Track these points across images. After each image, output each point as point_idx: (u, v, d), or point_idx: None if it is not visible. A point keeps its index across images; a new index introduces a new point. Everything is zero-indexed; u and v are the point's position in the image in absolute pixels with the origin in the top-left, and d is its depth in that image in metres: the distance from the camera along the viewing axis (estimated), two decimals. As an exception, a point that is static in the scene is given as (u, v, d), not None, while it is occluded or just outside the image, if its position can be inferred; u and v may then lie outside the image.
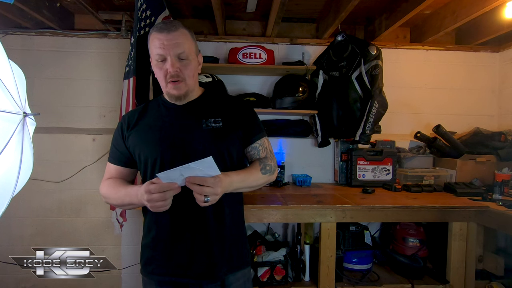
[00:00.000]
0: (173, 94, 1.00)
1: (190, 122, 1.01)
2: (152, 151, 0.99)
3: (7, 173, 0.65)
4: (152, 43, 0.97)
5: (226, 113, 1.04)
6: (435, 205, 1.66)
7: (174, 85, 0.98)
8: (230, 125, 1.02)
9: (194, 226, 0.99)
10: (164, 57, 0.95)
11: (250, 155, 1.10)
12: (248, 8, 2.13)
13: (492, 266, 1.85)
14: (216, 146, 0.99)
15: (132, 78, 1.70)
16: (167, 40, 0.94)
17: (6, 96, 0.64)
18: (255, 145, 1.08)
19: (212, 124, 1.01)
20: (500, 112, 2.49)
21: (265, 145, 1.10)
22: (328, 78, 2.24)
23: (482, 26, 2.23)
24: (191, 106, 1.05)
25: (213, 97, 1.10)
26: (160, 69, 0.97)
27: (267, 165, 1.07)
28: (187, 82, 0.99)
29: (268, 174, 1.07)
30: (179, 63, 0.96)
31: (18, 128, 0.66)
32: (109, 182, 1.06)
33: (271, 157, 1.11)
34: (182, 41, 0.96)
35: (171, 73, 0.96)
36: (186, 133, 1.00)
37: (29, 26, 2.14)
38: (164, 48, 0.94)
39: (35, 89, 2.19)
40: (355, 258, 1.90)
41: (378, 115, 2.03)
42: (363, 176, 2.16)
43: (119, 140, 1.08)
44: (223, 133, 1.01)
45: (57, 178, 2.24)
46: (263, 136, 1.10)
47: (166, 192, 0.85)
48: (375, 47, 2.05)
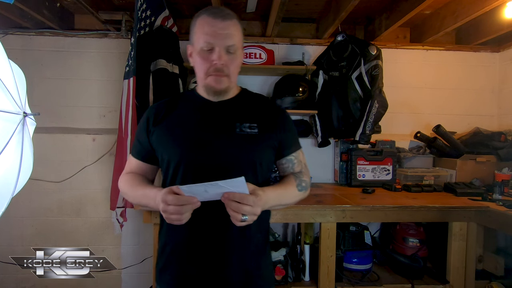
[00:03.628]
0: (212, 86, 0.89)
1: (222, 123, 0.91)
2: (177, 152, 0.90)
3: (7, 173, 0.65)
4: (200, 28, 0.86)
5: (263, 118, 0.94)
6: (435, 205, 1.65)
7: (217, 77, 0.87)
8: (266, 132, 0.92)
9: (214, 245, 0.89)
10: (212, 46, 0.84)
11: (282, 168, 1.01)
12: (248, 8, 2.13)
13: (492, 266, 1.85)
14: (249, 155, 0.90)
15: (132, 78, 1.70)
16: (220, 29, 0.84)
17: (6, 96, 0.64)
18: (290, 158, 0.99)
19: (247, 129, 0.91)
20: (500, 112, 2.49)
21: (300, 158, 1.02)
22: (328, 78, 2.24)
23: (482, 26, 2.23)
24: (226, 105, 0.95)
25: (250, 98, 1.00)
26: (203, 59, 0.86)
27: (303, 181, 0.97)
28: (230, 78, 0.90)
29: (304, 191, 0.98)
30: (227, 56, 0.86)
31: (18, 128, 0.66)
32: (128, 178, 0.98)
33: (306, 172, 1.02)
34: (234, 33, 0.86)
35: (216, 66, 0.86)
36: (217, 136, 0.89)
37: (29, 26, 2.14)
38: (215, 36, 0.84)
39: (35, 89, 2.19)
40: (355, 258, 1.90)
41: (378, 115, 2.03)
42: (363, 176, 2.16)
43: (143, 134, 0.97)
44: (257, 141, 0.91)
45: (57, 178, 2.24)
46: (298, 149, 1.02)
47: (184, 206, 0.75)
48: (375, 47, 2.05)
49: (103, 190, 2.23)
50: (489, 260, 1.87)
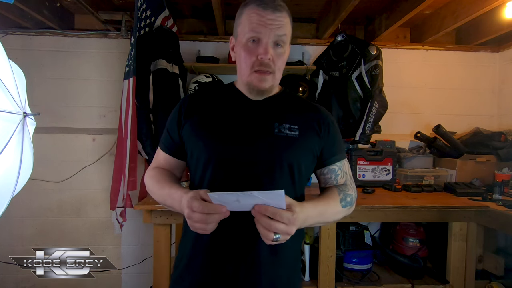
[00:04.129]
0: (256, 86, 0.81)
1: (261, 123, 0.83)
2: (208, 148, 0.82)
3: (7, 173, 0.65)
4: (247, 18, 0.79)
5: (305, 121, 0.85)
6: (435, 205, 1.65)
7: (261, 75, 0.80)
8: (307, 136, 0.84)
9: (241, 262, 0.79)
10: (259, 39, 0.77)
11: (324, 179, 0.91)
12: (248, 8, 2.13)
13: (492, 266, 1.85)
14: (286, 159, 0.81)
15: (132, 78, 1.70)
16: (269, 19, 0.76)
17: (6, 96, 0.64)
18: (333, 168, 0.89)
19: (287, 131, 0.82)
20: (500, 112, 2.49)
21: (345, 169, 0.91)
22: (328, 78, 2.24)
23: (482, 26, 2.23)
24: (266, 103, 0.87)
25: (292, 98, 0.92)
26: (249, 53, 0.79)
27: (347, 196, 0.87)
28: (275, 76, 0.82)
29: (348, 207, 0.87)
30: (274, 50, 0.79)
31: (18, 128, 0.66)
32: (154, 173, 0.91)
33: (351, 185, 0.91)
34: (285, 24, 0.79)
35: (262, 61, 0.78)
36: (252, 135, 0.81)
37: (29, 26, 2.14)
38: (264, 27, 0.76)
39: (35, 89, 2.19)
40: (355, 258, 1.89)
41: (378, 115, 2.03)
42: (363, 176, 2.16)
43: (174, 125, 0.89)
44: (297, 145, 0.82)
45: (57, 178, 2.24)
46: (343, 158, 0.91)
47: (211, 215, 0.67)
48: (375, 47, 2.05)
49: (103, 190, 2.23)
50: (489, 260, 1.87)
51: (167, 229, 1.57)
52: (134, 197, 1.92)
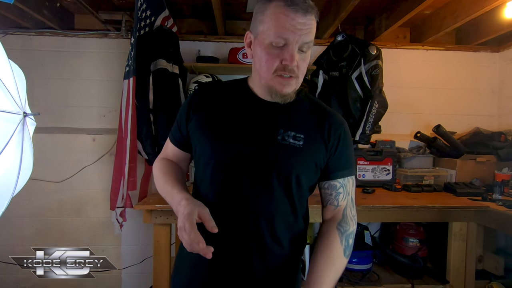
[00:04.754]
0: (278, 91, 0.76)
1: (266, 127, 0.79)
2: (209, 148, 0.80)
3: (7, 173, 0.65)
4: (274, 17, 0.70)
5: (314, 129, 0.80)
6: (435, 205, 1.65)
7: (285, 80, 0.75)
8: (313, 147, 0.78)
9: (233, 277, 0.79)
10: (287, 43, 0.71)
11: (324, 193, 0.84)
12: (248, 8, 2.13)
13: (492, 266, 1.85)
14: (286, 169, 0.77)
15: (132, 78, 1.70)
16: (300, 24, 0.70)
17: (6, 96, 0.64)
18: (334, 184, 0.82)
19: (291, 139, 0.77)
20: (500, 112, 2.49)
21: (348, 189, 0.83)
22: (328, 78, 2.24)
23: (482, 26, 2.23)
24: (278, 107, 0.81)
25: (306, 103, 0.85)
26: (273, 57, 0.72)
27: (349, 237, 0.80)
28: (298, 80, 0.78)
29: (351, 247, 0.81)
30: (299, 55, 0.73)
31: (18, 128, 0.66)
32: (162, 165, 0.90)
33: (352, 215, 0.83)
34: (314, 28, 0.73)
35: (288, 67, 0.72)
36: (255, 140, 0.77)
37: (29, 26, 2.14)
38: (293, 32, 0.70)
39: (35, 89, 2.19)
40: (355, 258, 1.89)
41: (378, 115, 2.03)
42: (363, 176, 2.16)
43: (183, 118, 0.87)
44: (299, 156, 0.77)
45: (57, 178, 2.24)
46: (349, 175, 0.83)
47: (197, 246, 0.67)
48: (375, 47, 2.05)
49: (103, 190, 2.23)
50: (489, 260, 1.87)
51: (167, 229, 1.57)
52: (134, 197, 1.93)
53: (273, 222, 0.78)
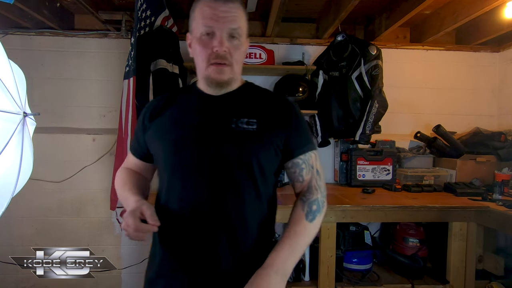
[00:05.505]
0: (214, 78, 0.79)
1: (218, 119, 0.81)
2: (166, 150, 0.82)
3: (7, 173, 0.65)
4: (199, 12, 0.77)
5: (265, 113, 0.83)
6: (435, 205, 1.66)
7: (218, 67, 0.78)
8: (267, 129, 0.81)
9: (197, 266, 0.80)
10: (213, 31, 0.76)
11: (290, 173, 0.86)
12: (248, 8, 2.13)
13: (492, 266, 1.85)
14: (244, 154, 0.79)
15: (132, 78, 1.70)
16: (222, 12, 0.75)
17: (6, 96, 0.64)
18: (297, 161, 0.84)
19: (244, 125, 0.80)
20: (500, 112, 2.49)
21: (311, 162, 0.85)
22: (328, 78, 2.24)
23: (482, 26, 2.23)
24: (225, 98, 0.84)
25: (253, 91, 0.89)
26: (203, 46, 0.77)
27: (312, 204, 0.82)
28: (233, 68, 0.80)
29: (318, 215, 0.82)
30: (230, 42, 0.77)
31: (18, 128, 0.66)
32: (122, 174, 0.93)
33: (317, 185, 0.85)
34: (238, 16, 0.77)
35: (218, 53, 0.76)
36: (211, 133, 0.80)
37: (29, 26, 2.14)
38: (216, 20, 0.75)
39: (35, 89, 2.19)
40: (355, 258, 1.89)
41: (378, 115, 2.03)
42: (363, 176, 2.16)
43: (140, 131, 0.91)
44: (255, 139, 0.80)
45: (57, 178, 2.24)
46: (309, 150, 0.85)
47: (142, 234, 0.72)
48: (375, 47, 2.05)
49: (103, 190, 2.23)
50: (489, 260, 1.87)
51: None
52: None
53: (240, 210, 0.80)
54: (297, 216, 0.81)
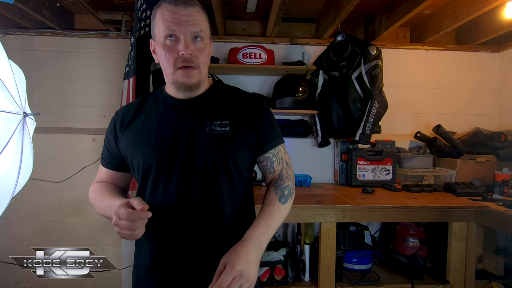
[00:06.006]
0: (182, 82, 0.80)
1: (192, 122, 0.83)
2: (146, 157, 0.83)
3: (7, 173, 0.65)
4: (160, 17, 0.78)
5: (235, 113, 0.86)
6: (435, 205, 1.66)
7: (186, 71, 0.79)
8: (238, 129, 0.84)
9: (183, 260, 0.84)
10: (176, 36, 0.77)
11: (261, 167, 0.92)
12: (248, 8, 2.13)
13: (492, 266, 1.85)
14: (221, 155, 0.82)
15: (132, 78, 1.70)
16: (183, 16, 0.77)
17: (6, 96, 0.64)
18: (267, 155, 0.89)
19: (218, 128, 0.83)
20: (500, 112, 2.49)
21: (281, 155, 0.91)
22: (328, 78, 2.24)
23: (482, 26, 2.23)
24: (195, 102, 0.86)
25: (222, 92, 0.91)
26: (169, 51, 0.78)
27: (284, 189, 0.89)
28: (200, 70, 0.81)
29: (290, 198, 0.90)
30: (194, 45, 0.78)
31: (18, 128, 0.66)
32: (96, 187, 0.93)
33: (287, 174, 0.92)
34: (200, 19, 0.79)
35: (184, 57, 0.77)
36: (186, 137, 0.82)
37: (29, 26, 2.14)
38: (179, 24, 0.76)
39: (35, 89, 2.19)
40: (355, 258, 1.90)
41: (378, 115, 2.03)
42: (363, 176, 2.16)
43: (111, 140, 0.92)
44: (229, 140, 0.83)
45: (57, 178, 2.24)
46: (278, 144, 0.91)
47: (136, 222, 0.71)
48: (375, 47, 2.05)
49: (103, 190, 2.23)
50: (489, 260, 1.87)
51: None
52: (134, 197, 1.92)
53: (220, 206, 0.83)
54: (271, 198, 0.87)
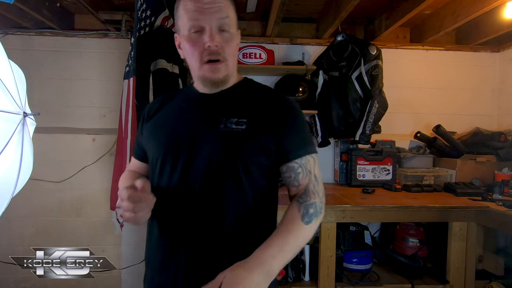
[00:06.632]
0: (209, 78, 0.76)
1: (207, 118, 0.78)
2: (156, 150, 0.81)
3: (7, 173, 0.65)
4: (183, 8, 0.73)
5: (256, 112, 0.77)
6: (435, 205, 1.66)
7: (212, 66, 0.74)
8: (256, 130, 0.75)
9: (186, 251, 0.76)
10: (201, 27, 0.71)
11: (285, 178, 0.79)
12: (248, 8, 2.13)
13: (492, 266, 1.85)
14: (229, 156, 0.74)
15: (132, 78, 1.70)
16: (206, 3, 0.70)
17: (6, 96, 0.64)
18: (292, 165, 0.77)
19: (233, 125, 0.75)
20: (500, 112, 2.49)
21: (309, 167, 0.78)
22: (328, 78, 2.24)
23: (482, 26, 2.23)
24: (216, 97, 0.81)
25: (249, 89, 0.84)
26: (193, 44, 0.73)
27: (309, 207, 0.74)
28: (228, 64, 0.76)
29: (315, 219, 0.74)
30: (220, 36, 0.72)
31: (18, 128, 0.66)
32: (123, 175, 0.92)
33: (315, 189, 0.77)
34: (225, 5, 0.73)
35: (210, 49, 0.72)
36: (199, 133, 0.77)
37: (29, 26, 2.14)
38: (202, 12, 0.70)
39: (35, 89, 2.19)
40: (355, 258, 1.90)
41: (378, 115, 2.03)
42: (363, 176, 2.16)
43: (139, 131, 0.91)
44: (242, 140, 0.74)
45: (57, 178, 2.24)
46: (307, 153, 0.78)
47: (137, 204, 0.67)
48: (375, 47, 2.05)
49: (103, 190, 2.23)
50: (489, 260, 1.87)
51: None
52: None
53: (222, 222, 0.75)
54: (292, 216, 0.74)
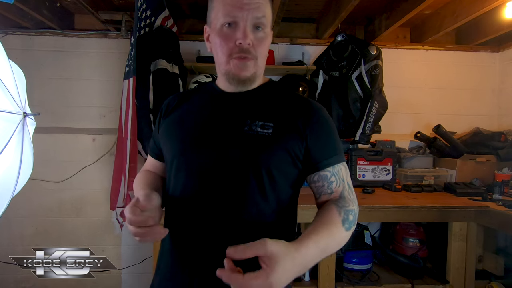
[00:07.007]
0: (236, 74, 0.71)
1: (230, 119, 0.74)
2: (173, 150, 0.76)
3: (7, 173, 0.65)
4: (220, 1, 0.70)
5: (284, 117, 0.73)
6: (435, 205, 1.65)
7: (241, 62, 0.70)
8: (284, 135, 0.71)
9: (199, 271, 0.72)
10: (236, 21, 0.68)
11: (315, 187, 0.75)
12: (248, 8, 2.13)
13: (492, 266, 1.85)
14: (253, 161, 0.69)
15: (132, 78, 1.70)
16: (245, 0, 0.67)
17: (6, 96, 0.64)
18: (324, 174, 0.73)
19: (258, 128, 0.71)
20: (500, 112, 2.49)
21: (342, 175, 0.74)
22: (328, 78, 2.24)
23: (482, 26, 2.23)
24: (241, 97, 0.76)
25: (275, 91, 0.80)
26: (225, 39, 0.69)
27: (349, 213, 0.70)
28: (257, 63, 0.72)
29: (353, 227, 0.72)
30: (254, 35, 0.69)
31: (18, 128, 0.66)
32: (139, 176, 0.88)
33: (350, 198, 0.74)
34: (264, 3, 0.70)
35: (241, 46, 0.68)
36: (221, 134, 0.72)
37: (29, 26, 2.14)
38: (240, 8, 0.67)
39: (35, 89, 2.19)
40: (355, 258, 1.89)
41: (378, 115, 2.03)
42: (363, 176, 2.16)
43: (156, 128, 0.86)
44: (268, 144, 0.70)
45: (57, 178, 2.24)
46: (339, 162, 0.74)
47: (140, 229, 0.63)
48: (375, 47, 2.05)
49: (103, 190, 2.23)
50: (489, 260, 1.87)
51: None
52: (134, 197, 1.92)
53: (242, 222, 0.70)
54: (333, 218, 0.67)
